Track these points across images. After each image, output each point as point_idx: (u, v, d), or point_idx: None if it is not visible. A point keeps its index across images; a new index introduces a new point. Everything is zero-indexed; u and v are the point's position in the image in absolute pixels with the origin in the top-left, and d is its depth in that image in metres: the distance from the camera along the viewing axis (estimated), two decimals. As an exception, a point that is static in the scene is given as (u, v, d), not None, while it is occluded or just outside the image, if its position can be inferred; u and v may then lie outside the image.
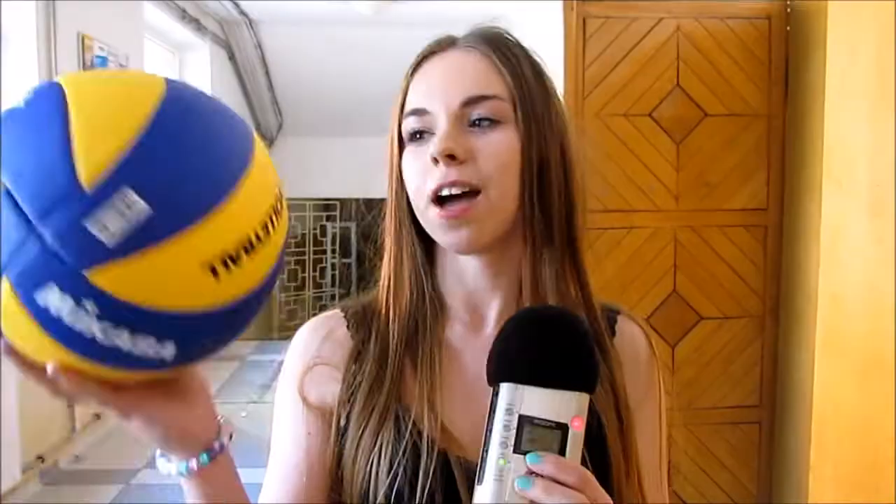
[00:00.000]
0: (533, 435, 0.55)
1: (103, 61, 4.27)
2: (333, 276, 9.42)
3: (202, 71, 6.44)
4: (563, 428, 0.55)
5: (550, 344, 0.60)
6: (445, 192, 0.71)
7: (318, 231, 9.32)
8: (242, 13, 6.48)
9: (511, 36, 0.79)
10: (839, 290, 1.99)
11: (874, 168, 1.84)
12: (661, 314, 2.72)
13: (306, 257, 8.92)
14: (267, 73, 7.47)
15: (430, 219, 0.73)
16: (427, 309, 0.78)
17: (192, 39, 6.24)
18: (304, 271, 8.72)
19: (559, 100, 0.79)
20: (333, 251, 9.54)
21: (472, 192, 0.71)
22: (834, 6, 2.10)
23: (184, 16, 5.75)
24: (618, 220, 2.67)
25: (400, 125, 0.77)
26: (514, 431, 0.55)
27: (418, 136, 0.75)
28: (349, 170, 8.55)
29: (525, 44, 0.79)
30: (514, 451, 0.55)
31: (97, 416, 4.29)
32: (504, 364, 0.60)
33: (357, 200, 9.24)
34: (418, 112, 0.75)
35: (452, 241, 0.72)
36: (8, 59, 3.63)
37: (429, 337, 0.77)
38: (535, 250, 0.75)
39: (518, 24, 6.27)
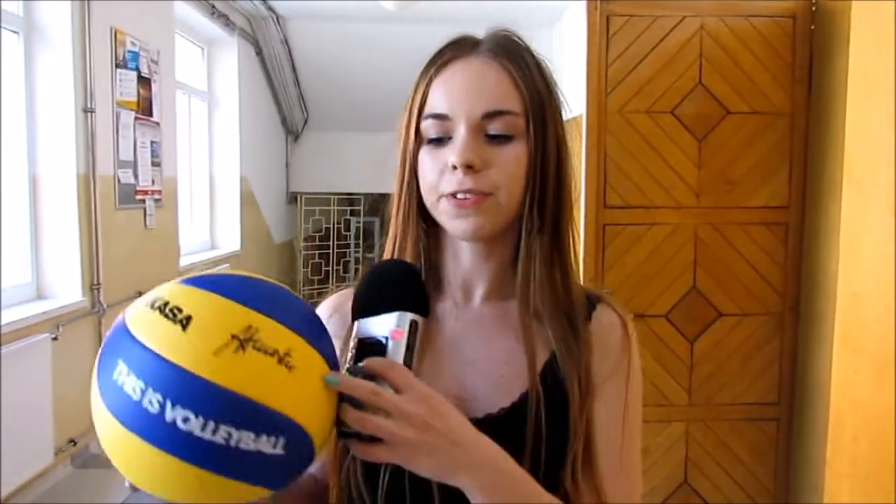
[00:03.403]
0: (365, 350, 0.69)
1: (135, 56, 4.35)
2: (357, 269, 9.49)
3: (230, 66, 6.51)
4: (384, 341, 0.69)
5: (375, 284, 0.75)
6: (460, 196, 0.79)
7: (341, 225, 9.39)
8: (270, 9, 6.55)
9: (524, 43, 0.86)
10: (858, 288, 2.00)
11: (895, 168, 1.85)
12: (680, 310, 2.75)
13: (330, 251, 9.00)
14: (293, 68, 7.53)
15: (442, 208, 0.81)
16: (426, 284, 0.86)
17: (220, 35, 6.32)
18: (327, 265, 8.79)
19: (559, 101, 0.86)
20: (357, 245, 9.61)
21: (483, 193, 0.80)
22: (858, 6, 2.10)
23: (213, 12, 5.83)
24: (639, 217, 2.69)
25: (419, 123, 0.83)
26: (353, 352, 0.70)
27: (437, 140, 0.82)
28: (373, 164, 8.60)
29: (533, 48, 0.86)
30: (353, 362, 0.69)
31: (126, 403, 4.37)
32: (353, 308, 0.75)
33: (381, 195, 9.30)
34: (439, 117, 0.81)
35: (460, 227, 0.81)
36: (43, 54, 3.72)
37: None
38: (529, 241, 0.84)
39: (542, 22, 6.28)
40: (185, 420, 0.57)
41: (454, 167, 0.79)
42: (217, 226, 6.60)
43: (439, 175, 0.81)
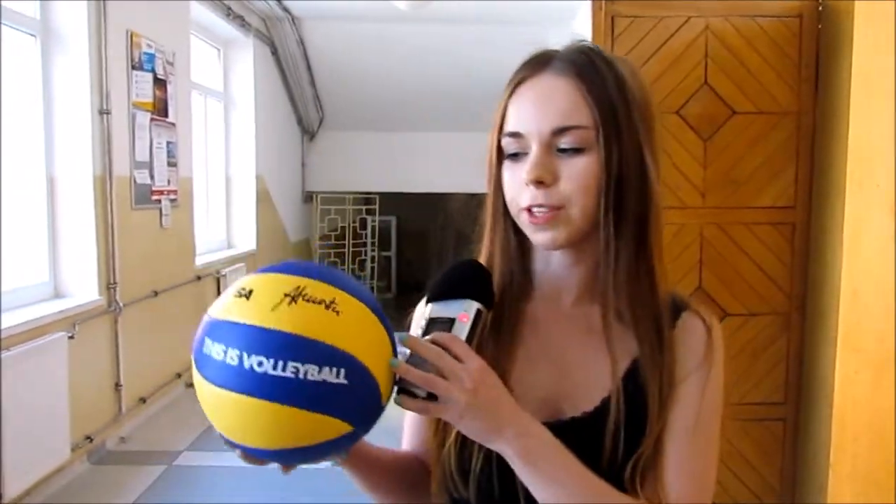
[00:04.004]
0: (434, 327, 0.80)
1: (151, 58, 4.41)
2: (373, 268, 9.52)
3: (246, 66, 6.58)
4: (452, 321, 0.80)
5: (449, 276, 0.84)
6: (535, 211, 0.84)
7: (357, 224, 9.42)
8: (285, 10, 6.60)
9: (600, 54, 0.88)
10: (860, 286, 2.00)
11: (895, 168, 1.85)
12: (685, 310, 2.74)
13: (346, 250, 9.04)
14: (309, 68, 7.58)
15: (522, 222, 0.87)
16: (515, 288, 0.93)
17: (236, 36, 6.38)
18: (343, 264, 8.84)
19: (645, 107, 0.87)
20: (373, 244, 9.64)
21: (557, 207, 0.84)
22: (860, 6, 2.10)
23: (229, 13, 5.89)
24: (644, 217, 2.69)
25: (500, 139, 0.88)
26: (424, 328, 0.81)
27: (514, 155, 0.87)
28: (389, 164, 8.64)
29: (612, 58, 0.88)
30: (423, 336, 0.79)
31: (142, 400, 4.46)
32: (427, 294, 0.85)
33: (397, 194, 9.33)
34: (514, 135, 0.86)
35: (539, 240, 0.86)
36: (60, 56, 3.79)
37: (513, 312, 0.92)
38: (608, 248, 0.86)
39: (556, 21, 6.28)
40: (260, 364, 0.69)
41: (527, 183, 0.83)
42: (233, 225, 6.66)
43: (518, 190, 0.86)
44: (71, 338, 3.58)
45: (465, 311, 0.81)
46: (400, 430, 1.04)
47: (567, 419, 0.86)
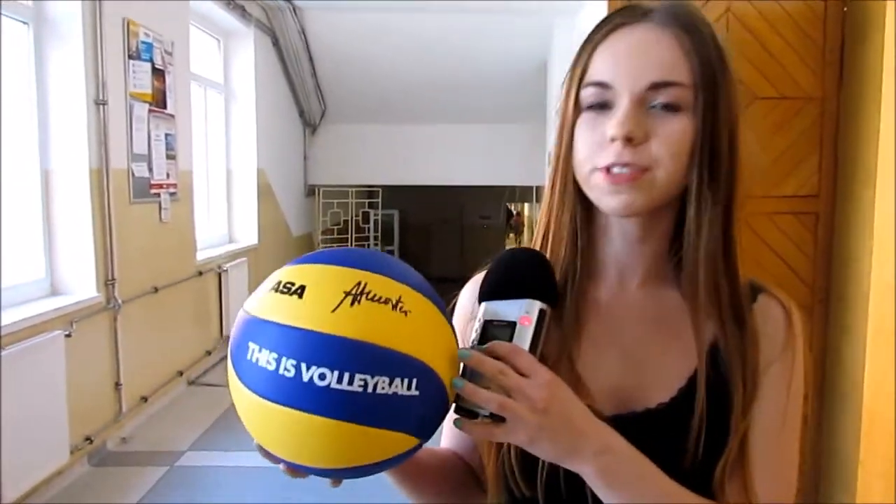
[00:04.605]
0: (491, 332, 0.72)
1: (149, 47, 4.31)
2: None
3: (246, 57, 6.47)
4: (512, 325, 0.71)
5: (506, 269, 0.75)
6: (616, 170, 0.75)
7: (360, 218, 9.36)
8: (287, 0, 6.50)
9: (700, 14, 0.80)
10: (892, 279, 1.90)
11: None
12: (705, 304, 2.64)
13: (349, 244, 8.96)
14: (311, 59, 7.48)
15: (595, 183, 0.77)
16: (578, 267, 0.84)
17: (236, 26, 6.28)
18: (346, 258, 8.76)
19: (734, 84, 0.80)
20: (376, 238, 9.57)
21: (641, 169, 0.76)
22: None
23: (229, 2, 5.78)
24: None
25: (578, 91, 0.79)
26: (479, 332, 0.72)
27: (597, 106, 0.77)
28: (392, 157, 8.56)
29: (710, 21, 0.80)
30: (479, 343, 0.72)
31: (144, 399, 4.37)
32: (480, 291, 0.76)
33: (400, 187, 9.25)
34: (601, 85, 0.77)
35: (611, 203, 0.76)
36: (54, 45, 3.68)
37: (576, 294, 0.83)
38: (699, 221, 0.78)
39: (564, 11, 6.17)
40: (322, 377, 0.60)
41: (613, 139, 0.74)
42: (234, 219, 6.57)
43: (596, 147, 0.76)
44: (68, 336, 3.49)
45: (526, 313, 0.72)
46: None
47: (641, 411, 0.79)
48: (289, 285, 0.66)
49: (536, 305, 0.72)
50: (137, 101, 4.21)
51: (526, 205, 16.53)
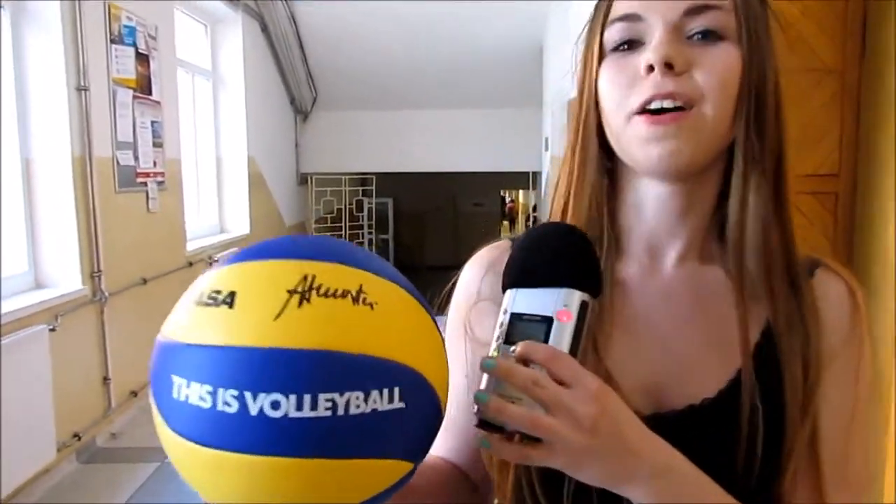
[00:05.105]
0: (520, 329, 0.58)
1: (131, 32, 4.15)
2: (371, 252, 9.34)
3: (235, 43, 6.32)
4: (548, 320, 0.57)
5: (539, 249, 0.61)
6: (656, 105, 0.64)
7: (353, 206, 9.25)
8: (275, -17, 6.35)
9: None
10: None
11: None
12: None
13: (342, 233, 8.84)
14: (301, 45, 7.34)
15: (633, 133, 0.65)
16: (604, 243, 0.72)
17: (224, 11, 6.12)
18: (340, 247, 8.67)
19: (773, 17, 0.70)
20: (370, 226, 9.45)
21: (684, 108, 0.64)
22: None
23: (215, -14, 5.63)
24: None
25: (602, 34, 0.69)
26: (505, 328, 0.59)
27: (625, 46, 0.67)
28: (385, 144, 8.44)
29: None
30: (504, 343, 0.58)
31: (133, 394, 4.25)
32: (506, 274, 0.62)
33: (394, 175, 9.12)
34: (629, 18, 0.67)
35: (654, 153, 0.64)
36: (32, 29, 3.53)
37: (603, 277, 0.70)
38: (746, 177, 0.67)
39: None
40: (275, 405, 0.46)
41: (650, 68, 0.64)
42: (225, 209, 6.44)
43: (627, 88, 0.66)
44: (52, 330, 3.36)
45: (565, 306, 0.57)
46: None
47: (683, 409, 0.67)
48: (214, 295, 0.51)
49: (577, 296, 0.58)
50: (121, 87, 4.06)
51: (521, 192, 16.44)
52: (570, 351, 0.56)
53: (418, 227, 12.03)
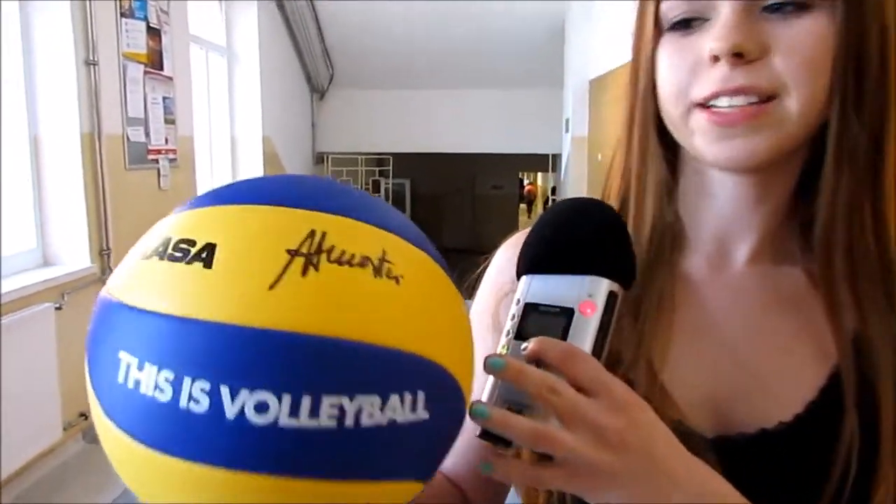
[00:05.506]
0: (535, 322, 0.50)
1: (143, 5, 4.08)
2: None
3: (250, 19, 6.23)
4: (568, 313, 0.49)
5: (559, 229, 0.52)
6: (724, 103, 0.53)
7: (370, 187, 9.18)
8: (291, -42, 6.25)
9: None
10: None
11: None
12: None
13: (358, 213, 8.79)
14: (317, 22, 7.24)
15: (694, 126, 0.56)
16: (667, 237, 0.62)
17: (239, -14, 6.04)
18: (355, 228, 8.63)
19: None
20: (387, 207, 9.39)
21: (759, 100, 0.53)
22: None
23: (230, -40, 5.54)
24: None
25: (657, 7, 0.57)
26: (517, 320, 0.51)
27: (684, 23, 0.56)
28: (403, 124, 8.35)
29: None
30: (516, 338, 0.50)
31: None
32: (521, 257, 0.53)
33: (411, 155, 9.03)
34: None
35: (723, 154, 0.54)
36: (39, 2, 3.47)
37: (661, 273, 0.62)
38: (840, 165, 0.55)
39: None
40: (262, 408, 0.35)
41: (714, 57, 0.53)
42: (240, 188, 6.39)
43: (689, 74, 0.55)
44: (58, 308, 3.33)
45: (589, 297, 0.49)
46: None
47: (754, 433, 0.56)
48: (185, 246, 0.38)
49: (605, 285, 0.49)
50: (131, 62, 3.99)
51: (540, 174, 16.28)
52: (594, 351, 0.48)
53: (435, 209, 11.94)
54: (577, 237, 0.51)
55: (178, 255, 0.38)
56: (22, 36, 3.44)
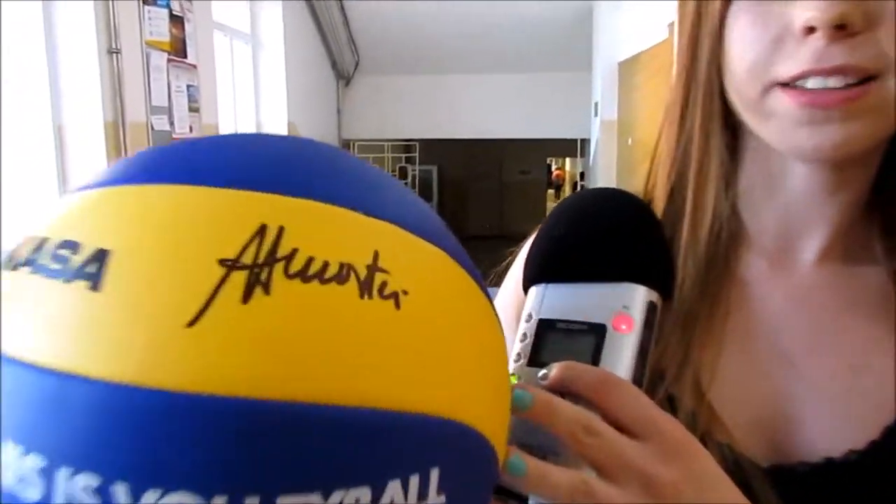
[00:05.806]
0: (555, 342, 0.40)
1: (165, -5, 4.06)
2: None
3: (274, 7, 6.19)
4: (597, 330, 0.39)
5: (585, 227, 0.42)
6: (815, 85, 0.43)
7: (396, 173, 9.14)
8: (315, -58, 6.19)
9: None
10: None
11: None
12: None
13: (385, 200, 8.77)
14: (342, 7, 7.18)
15: (775, 107, 0.46)
16: (724, 236, 0.53)
17: (263, -27, 6.00)
18: (382, 216, 8.60)
19: None
20: (414, 194, 9.37)
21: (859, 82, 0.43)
22: None
23: (253, -54, 5.50)
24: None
25: None
26: (530, 341, 0.41)
27: None
28: (429, 109, 8.28)
29: None
30: (529, 364, 0.40)
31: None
32: (529, 262, 0.43)
33: (439, 141, 8.96)
34: None
35: (810, 143, 0.45)
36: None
37: (716, 275, 0.52)
38: None
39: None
40: None
41: (808, 29, 0.43)
42: (265, 175, 6.39)
43: (771, 48, 0.45)
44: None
45: (623, 309, 0.39)
46: None
47: (817, 463, 0.48)
48: (64, 252, 0.26)
49: (642, 294, 0.40)
50: (154, 50, 3.97)
51: (568, 160, 16.11)
52: (633, 378, 0.38)
53: (462, 195, 11.86)
54: (603, 234, 0.42)
55: (56, 267, 0.25)
56: (44, 25, 3.43)
